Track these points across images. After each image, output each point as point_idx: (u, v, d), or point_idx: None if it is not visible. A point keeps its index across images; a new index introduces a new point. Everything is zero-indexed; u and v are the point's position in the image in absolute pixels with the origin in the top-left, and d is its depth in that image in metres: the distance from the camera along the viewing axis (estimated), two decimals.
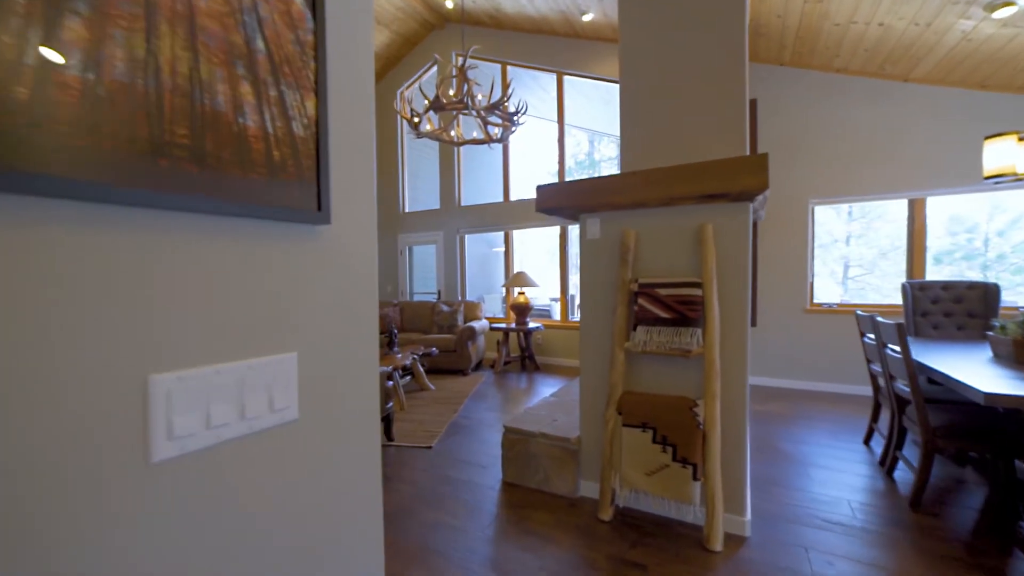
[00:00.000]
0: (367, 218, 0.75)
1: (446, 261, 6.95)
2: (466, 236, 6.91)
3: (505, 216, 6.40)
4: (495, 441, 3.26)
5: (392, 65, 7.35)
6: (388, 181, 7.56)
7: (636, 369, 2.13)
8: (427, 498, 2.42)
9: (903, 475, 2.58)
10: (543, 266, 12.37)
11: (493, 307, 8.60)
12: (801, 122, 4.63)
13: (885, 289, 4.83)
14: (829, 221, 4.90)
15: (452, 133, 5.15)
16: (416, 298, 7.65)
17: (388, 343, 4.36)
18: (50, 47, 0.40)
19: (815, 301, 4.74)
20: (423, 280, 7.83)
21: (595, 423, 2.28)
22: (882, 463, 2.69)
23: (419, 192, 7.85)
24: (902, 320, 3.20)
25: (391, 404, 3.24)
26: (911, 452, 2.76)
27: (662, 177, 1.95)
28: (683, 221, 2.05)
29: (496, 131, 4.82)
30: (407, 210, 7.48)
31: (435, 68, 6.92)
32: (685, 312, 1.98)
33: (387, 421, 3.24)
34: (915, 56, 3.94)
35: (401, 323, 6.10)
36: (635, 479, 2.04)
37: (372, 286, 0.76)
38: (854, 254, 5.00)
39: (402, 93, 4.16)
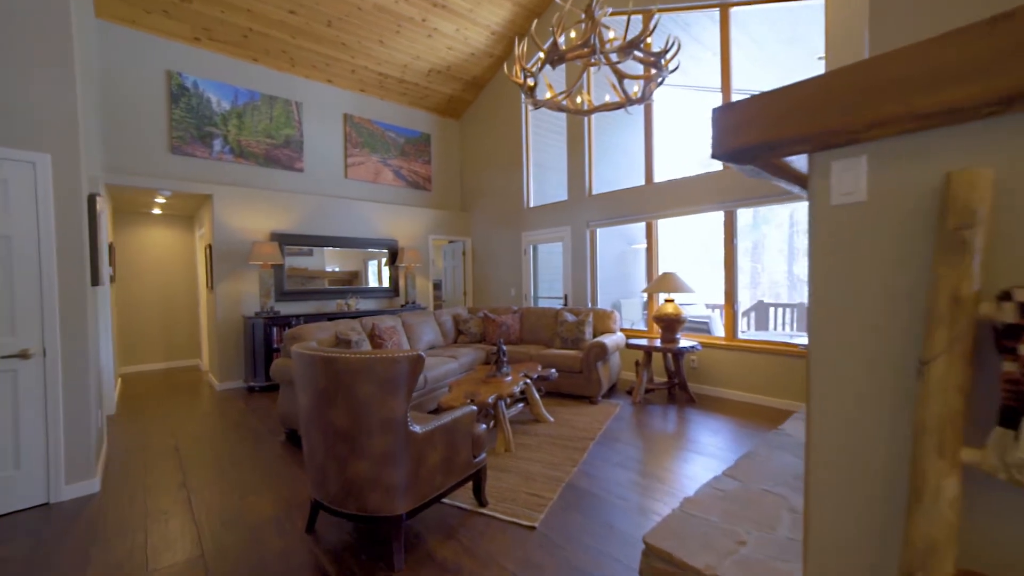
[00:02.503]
0: None
1: (574, 260, 5.95)
2: (597, 230, 5.81)
3: (647, 202, 5.13)
4: (630, 536, 2.15)
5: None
6: (511, 175, 6.87)
7: (987, 513, 0.83)
8: None
9: None
10: (695, 265, 10.45)
11: (632, 315, 7.31)
12: None
13: None
14: None
15: (578, 100, 4.11)
16: (541, 303, 6.81)
17: (495, 361, 3.55)
18: None
19: None
20: (549, 283, 6.96)
21: None
22: None
23: (545, 185, 7.01)
24: None
25: (484, 455, 2.38)
26: None
27: None
28: None
29: (635, 88, 3.66)
30: (531, 205, 6.69)
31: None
32: None
33: (477, 478, 2.38)
34: None
35: (520, 333, 5.30)
36: None
37: None
38: None
39: (518, 55, 3.26)
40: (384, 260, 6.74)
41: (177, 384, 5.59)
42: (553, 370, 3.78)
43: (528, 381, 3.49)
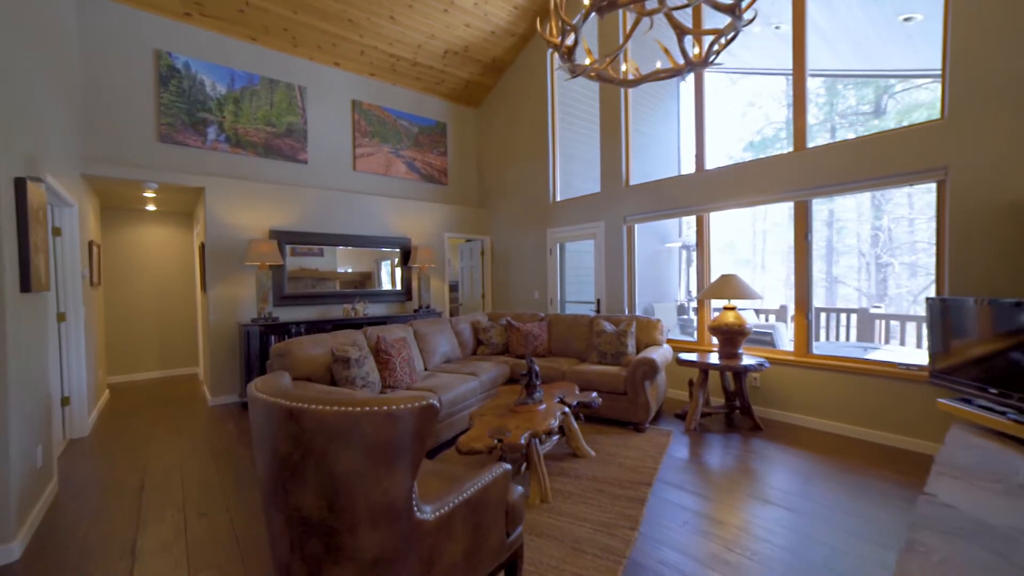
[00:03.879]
0: None
1: (608, 260, 5.26)
2: (635, 226, 5.11)
3: (697, 193, 4.41)
4: None
5: (547, 18, 5.97)
6: (535, 167, 6.20)
7: None
8: None
9: None
10: (738, 266, 9.63)
11: (666, 320, 6.58)
12: None
13: None
14: None
15: (623, 68, 3.44)
16: (568, 309, 6.12)
17: (526, 383, 2.88)
18: None
19: None
20: (577, 286, 6.27)
21: None
22: None
23: (572, 178, 6.33)
24: None
25: (520, 528, 1.72)
26: None
27: None
28: None
29: (696, 50, 2.97)
30: (558, 199, 6.01)
31: None
32: None
33: (513, 565, 1.72)
34: None
35: (548, 344, 4.62)
36: None
37: None
38: None
39: (556, 3, 2.55)
40: (396, 260, 6.14)
41: (169, 396, 5.07)
42: (595, 395, 3.09)
43: (567, 410, 2.81)
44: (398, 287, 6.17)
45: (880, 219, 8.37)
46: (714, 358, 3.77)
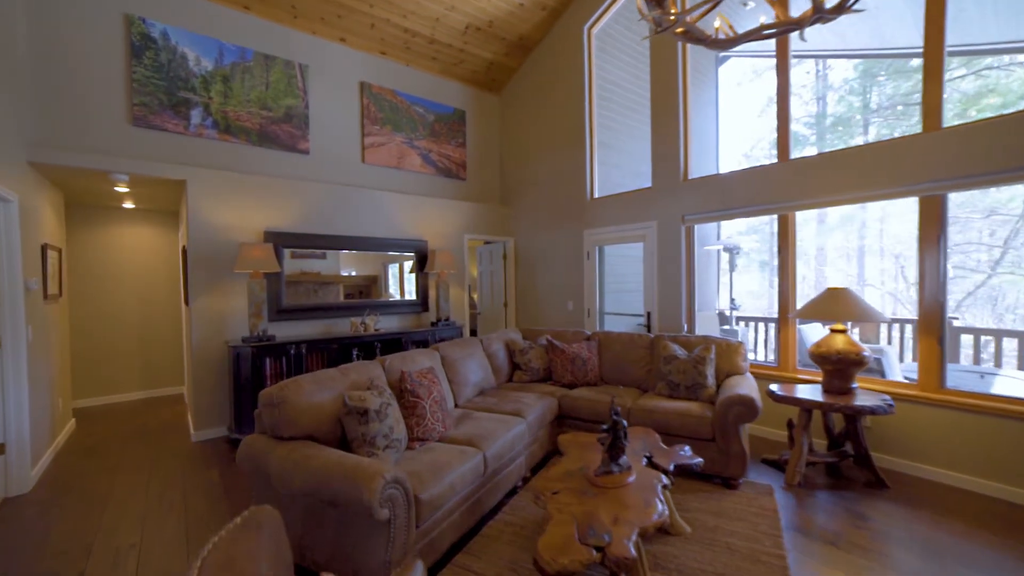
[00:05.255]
0: None
1: (661, 267, 4.48)
2: (695, 226, 4.34)
3: (781, 187, 3.64)
4: None
5: None
6: (568, 159, 5.44)
7: None
8: None
9: None
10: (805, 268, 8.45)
11: (705, 330, 5.82)
12: None
13: None
14: None
15: (716, 24, 2.65)
16: (607, 322, 5.35)
17: (610, 446, 2.09)
18: None
19: None
20: (614, 296, 5.50)
21: None
22: None
23: (610, 171, 5.56)
24: None
25: None
26: None
27: None
28: None
29: None
30: (597, 195, 5.24)
31: None
32: None
33: None
34: None
35: (599, 369, 3.84)
36: None
37: None
38: None
39: None
40: (410, 265, 5.37)
41: (146, 426, 4.30)
42: (699, 459, 2.31)
43: (666, 482, 2.04)
44: (411, 296, 5.40)
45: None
46: (807, 391, 3.01)
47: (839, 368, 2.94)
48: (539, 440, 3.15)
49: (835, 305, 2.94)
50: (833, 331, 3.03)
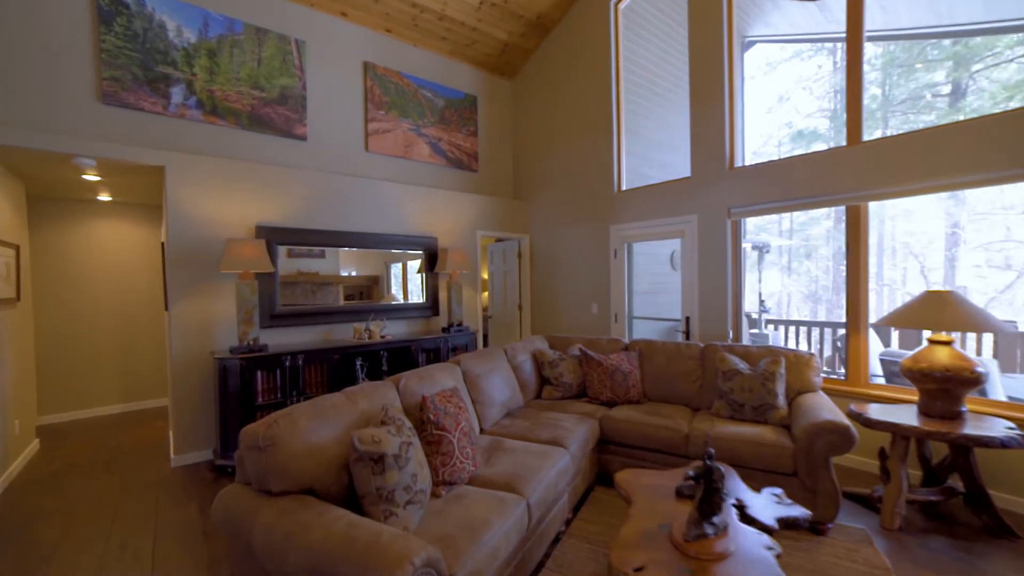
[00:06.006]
0: None
1: (702, 266, 3.99)
2: (742, 220, 3.85)
3: (852, 174, 3.15)
4: None
5: None
6: (592, 148, 4.94)
7: None
8: None
9: None
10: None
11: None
12: None
13: None
14: None
15: None
16: (636, 327, 4.85)
17: (701, 499, 1.59)
18: None
19: None
20: (644, 297, 5.01)
21: None
22: None
23: (637, 162, 5.06)
24: None
25: None
26: None
27: None
28: None
29: None
30: (624, 187, 4.75)
31: None
32: None
33: None
34: None
35: (642, 385, 3.34)
36: None
37: None
38: None
39: None
40: (417, 264, 4.86)
41: (121, 448, 3.78)
42: (805, 510, 1.82)
43: (777, 548, 1.54)
44: (417, 298, 4.89)
45: None
46: (901, 413, 2.52)
47: (945, 388, 2.44)
48: (582, 472, 2.65)
49: (938, 312, 2.45)
50: (932, 342, 2.54)
